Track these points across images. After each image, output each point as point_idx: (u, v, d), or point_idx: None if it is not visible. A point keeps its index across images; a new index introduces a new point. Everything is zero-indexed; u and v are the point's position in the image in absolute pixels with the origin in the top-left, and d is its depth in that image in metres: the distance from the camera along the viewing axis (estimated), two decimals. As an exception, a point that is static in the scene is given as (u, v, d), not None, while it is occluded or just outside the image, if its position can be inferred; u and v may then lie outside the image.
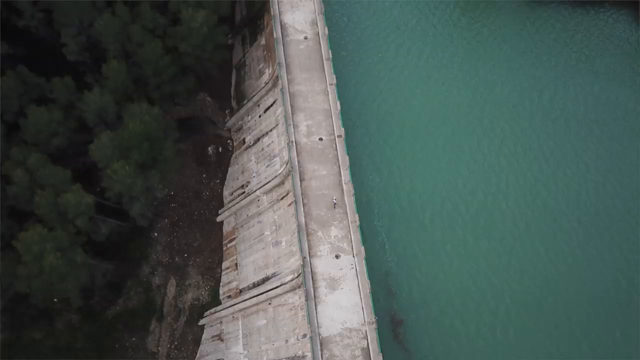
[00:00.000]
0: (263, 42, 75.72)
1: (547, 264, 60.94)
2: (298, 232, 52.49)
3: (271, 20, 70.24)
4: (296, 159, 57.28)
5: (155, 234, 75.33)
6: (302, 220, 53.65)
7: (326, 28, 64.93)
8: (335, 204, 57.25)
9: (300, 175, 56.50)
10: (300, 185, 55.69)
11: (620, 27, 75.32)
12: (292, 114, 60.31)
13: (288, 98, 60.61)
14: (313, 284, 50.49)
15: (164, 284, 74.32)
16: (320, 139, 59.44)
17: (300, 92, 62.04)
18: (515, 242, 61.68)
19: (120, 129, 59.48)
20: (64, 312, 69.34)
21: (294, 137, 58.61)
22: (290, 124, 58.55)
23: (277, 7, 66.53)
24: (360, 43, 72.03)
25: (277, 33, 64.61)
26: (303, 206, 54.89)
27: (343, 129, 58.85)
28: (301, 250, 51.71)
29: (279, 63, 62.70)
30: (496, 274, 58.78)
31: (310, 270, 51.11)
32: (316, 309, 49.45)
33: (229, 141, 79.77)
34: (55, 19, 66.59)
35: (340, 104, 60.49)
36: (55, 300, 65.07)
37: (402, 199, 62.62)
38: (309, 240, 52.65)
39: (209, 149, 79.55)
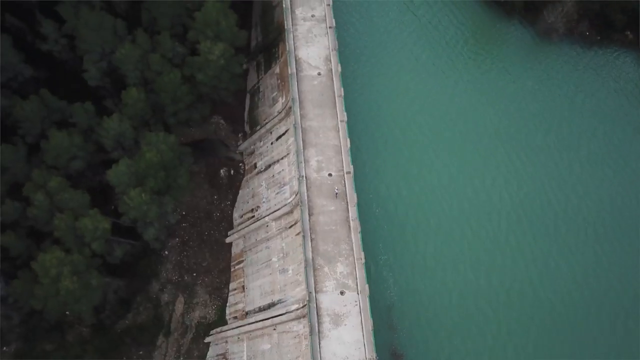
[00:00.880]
0: (277, 70, 77.90)
1: (554, 304, 62.37)
2: (305, 267, 54.64)
3: (286, 50, 72.43)
4: (306, 194, 59.38)
5: (166, 252, 77.60)
6: (310, 255, 55.79)
7: (339, 65, 66.95)
8: (337, 194, 60.70)
9: (309, 210, 58.62)
10: (309, 220, 57.81)
11: (629, 69, 76.73)
12: (304, 149, 62.44)
13: (300, 134, 62.72)
14: (318, 319, 52.62)
15: (172, 301, 76.61)
16: (330, 175, 61.53)
17: (312, 127, 64.14)
18: (519, 281, 63.40)
19: (137, 157, 61.77)
20: (75, 325, 71.80)
21: (305, 171, 60.73)
22: (301, 160, 60.66)
23: (292, 42, 68.63)
24: (371, 79, 73.99)
25: (292, 69, 66.72)
26: (311, 241, 56.99)
27: (352, 166, 60.88)
28: (307, 285, 53.84)
29: (292, 98, 64.83)
30: (497, 311, 60.64)
31: (315, 305, 53.23)
32: (320, 343, 51.60)
33: (240, 164, 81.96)
34: (78, 45, 69.07)
35: (350, 141, 62.56)
36: (67, 313, 67.49)
37: (407, 234, 64.63)
38: (315, 276, 54.81)
39: (222, 171, 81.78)
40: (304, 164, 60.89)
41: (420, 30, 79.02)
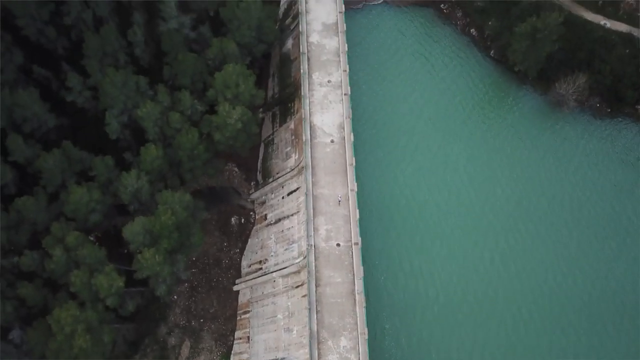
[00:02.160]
0: (292, 126, 79.86)
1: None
2: (309, 340, 56.45)
3: (301, 107, 74.38)
4: (314, 264, 61.24)
5: (175, 297, 79.67)
6: (314, 327, 57.61)
7: (352, 134, 68.78)
8: (340, 201, 63.03)
9: (316, 281, 60.49)
10: (316, 292, 59.67)
11: (638, 141, 77.86)
12: (314, 217, 64.31)
13: (311, 201, 64.60)
14: (320, 393, 54.52)
15: (179, 345, 78.68)
16: (338, 245, 63.39)
17: (322, 195, 66.02)
18: (524, 343, 64.85)
19: (152, 218, 63.85)
20: (84, 364, 73.61)
21: (314, 240, 62.60)
22: (311, 228, 62.55)
23: (308, 108, 70.56)
24: (381, 146, 75.93)
25: (306, 135, 68.64)
26: (316, 312, 58.83)
27: (360, 238, 62.65)
28: (311, 358, 55.67)
29: (305, 165, 66.71)
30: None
31: (318, 379, 55.11)
32: (320, 417, 53.47)
33: (251, 213, 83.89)
34: (100, 98, 71.50)
35: (360, 210, 64.34)
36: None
37: (411, 304, 66.31)
38: (319, 349, 56.65)
39: (232, 219, 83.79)
40: (313, 232, 62.65)
41: (436, 92, 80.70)
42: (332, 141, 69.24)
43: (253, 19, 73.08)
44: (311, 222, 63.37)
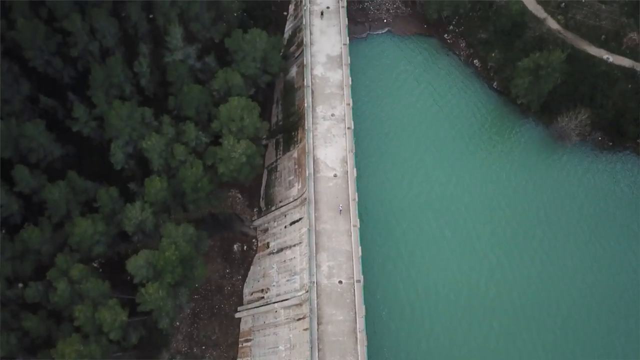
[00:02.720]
0: (295, 155, 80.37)
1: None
2: (310, 382, 56.95)
3: (305, 137, 74.90)
4: (316, 301, 61.73)
5: (177, 323, 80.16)
6: (316, 367, 58.13)
7: (355, 169, 69.26)
8: (341, 210, 64.59)
9: (318, 319, 60.97)
10: (317, 329, 60.14)
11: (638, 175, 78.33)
12: (316, 252, 64.80)
13: (314, 237, 65.10)
14: None
15: (180, 371, 79.08)
16: (340, 282, 63.84)
17: (325, 230, 66.51)
18: None
19: (156, 254, 64.39)
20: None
21: (316, 277, 63.09)
22: (313, 265, 63.08)
23: (311, 141, 71.05)
24: (383, 177, 76.48)
25: (310, 169, 69.14)
26: (318, 351, 59.32)
27: (362, 276, 63.15)
28: (312, 401, 56.18)
29: (308, 200, 67.20)
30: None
31: (318, 422, 55.55)
32: None
33: (253, 240, 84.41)
34: (106, 130, 72.13)
35: (362, 247, 64.80)
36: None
37: (414, 341, 66.85)
38: (320, 389, 57.19)
39: (235, 246, 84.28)
40: (315, 268, 63.17)
41: (439, 122, 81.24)
42: (335, 175, 69.74)
43: (258, 51, 73.69)
44: (313, 259, 63.86)
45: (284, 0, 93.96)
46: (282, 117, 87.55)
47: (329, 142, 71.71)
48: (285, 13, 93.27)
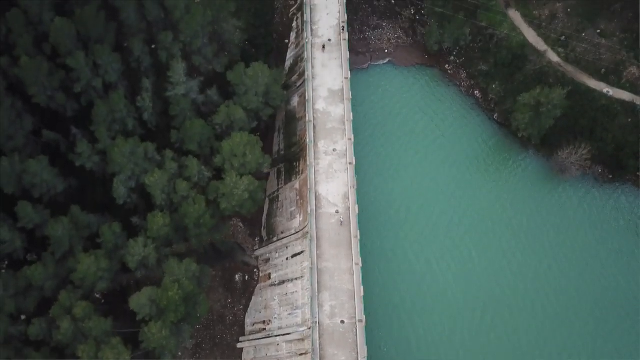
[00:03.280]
0: (297, 186, 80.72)
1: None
2: None
3: (307, 168, 75.26)
4: (318, 342, 62.12)
5: (180, 354, 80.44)
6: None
7: (357, 205, 69.66)
8: (342, 222, 65.78)
9: (320, 359, 61.35)
10: (320, 372, 60.56)
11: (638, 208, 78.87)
12: (318, 292, 65.18)
13: (316, 276, 65.48)
14: None
15: (183, 402, 79.34)
16: (342, 322, 64.20)
17: (327, 269, 66.88)
18: None
19: (159, 289, 64.74)
20: None
21: (318, 317, 63.45)
22: (315, 304, 63.45)
23: (313, 177, 71.46)
24: (384, 212, 76.97)
25: (312, 205, 69.52)
26: (320, 394, 59.73)
27: (364, 316, 63.52)
28: None
29: (310, 237, 67.59)
30: None
31: None
32: None
33: (255, 270, 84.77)
34: (109, 164, 72.44)
35: (364, 286, 65.15)
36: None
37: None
38: None
39: (237, 276, 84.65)
40: (317, 308, 63.56)
41: (440, 153, 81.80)
42: (337, 212, 70.13)
43: (260, 85, 74.09)
44: (316, 299, 64.21)
45: (286, 28, 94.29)
46: (283, 147, 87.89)
47: (331, 177, 72.09)
48: (286, 41, 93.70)
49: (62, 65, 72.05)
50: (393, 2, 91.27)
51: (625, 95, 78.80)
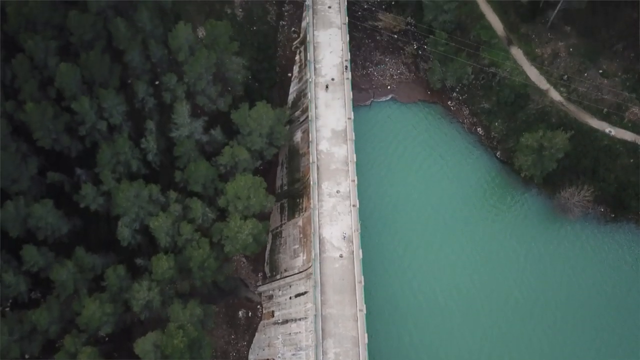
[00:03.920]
0: (300, 223, 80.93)
1: None
2: None
3: (310, 206, 75.52)
4: (323, 391, 62.41)
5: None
6: None
7: (360, 250, 69.93)
8: (345, 237, 66.47)
9: (324, 409, 61.67)
10: (324, 420, 60.79)
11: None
12: (322, 338, 65.41)
13: (320, 323, 65.68)
14: None
15: None
16: (346, 369, 64.54)
17: (331, 315, 67.10)
18: None
19: (163, 335, 64.94)
20: None
21: (323, 366, 63.76)
22: (319, 353, 63.67)
23: (317, 220, 71.73)
24: (392, 259, 77.36)
25: (316, 250, 69.80)
26: None
27: (368, 364, 63.86)
28: None
29: (315, 282, 67.83)
30: None
31: None
32: None
33: (258, 306, 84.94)
34: (113, 206, 72.71)
35: (369, 330, 65.38)
36: None
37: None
38: None
39: (240, 312, 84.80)
40: (322, 355, 63.77)
41: (443, 192, 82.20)
42: (340, 256, 70.39)
43: (264, 127, 74.38)
44: (320, 346, 64.45)
45: (289, 62, 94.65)
46: (287, 182, 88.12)
47: (335, 220, 72.39)
48: (289, 74, 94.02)
49: (66, 107, 72.42)
50: (395, 37, 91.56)
51: (627, 135, 79.15)
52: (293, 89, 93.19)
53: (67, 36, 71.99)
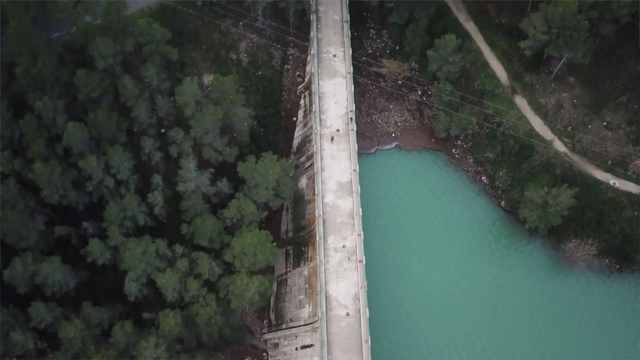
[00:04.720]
0: (305, 273, 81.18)
1: None
2: None
3: (316, 254, 75.79)
4: None
5: None
6: None
7: (367, 309, 70.14)
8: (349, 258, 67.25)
9: None
10: None
11: (645, 297, 79.64)
12: (330, 401, 65.60)
13: (327, 385, 65.87)
14: None
15: None
16: None
17: (338, 376, 67.33)
18: None
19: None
20: None
21: None
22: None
23: (323, 277, 72.00)
24: (398, 314, 77.61)
25: (322, 308, 70.02)
26: None
27: None
28: None
29: (322, 342, 68.00)
30: None
31: None
32: None
33: (264, 354, 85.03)
34: (120, 262, 73.04)
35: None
36: None
37: None
38: None
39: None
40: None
41: (449, 242, 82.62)
42: (347, 314, 70.58)
43: (271, 182, 74.75)
44: (327, 408, 64.57)
45: (294, 106, 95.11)
46: (292, 228, 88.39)
47: (341, 276, 72.66)
48: (294, 119, 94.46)
49: (73, 164, 72.83)
50: (400, 82, 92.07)
51: (631, 187, 79.53)
52: (298, 133, 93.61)
53: (75, 93, 72.37)
